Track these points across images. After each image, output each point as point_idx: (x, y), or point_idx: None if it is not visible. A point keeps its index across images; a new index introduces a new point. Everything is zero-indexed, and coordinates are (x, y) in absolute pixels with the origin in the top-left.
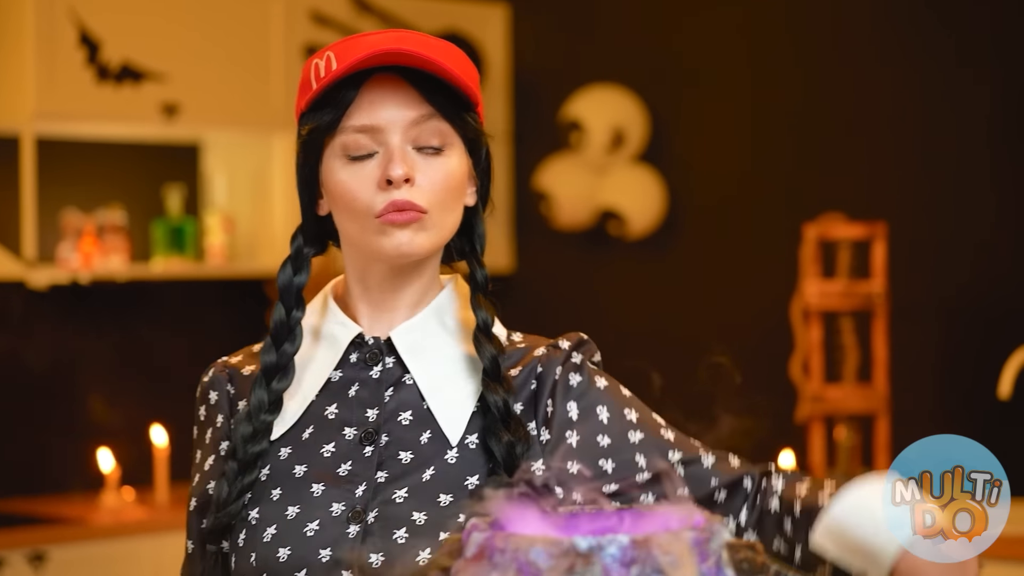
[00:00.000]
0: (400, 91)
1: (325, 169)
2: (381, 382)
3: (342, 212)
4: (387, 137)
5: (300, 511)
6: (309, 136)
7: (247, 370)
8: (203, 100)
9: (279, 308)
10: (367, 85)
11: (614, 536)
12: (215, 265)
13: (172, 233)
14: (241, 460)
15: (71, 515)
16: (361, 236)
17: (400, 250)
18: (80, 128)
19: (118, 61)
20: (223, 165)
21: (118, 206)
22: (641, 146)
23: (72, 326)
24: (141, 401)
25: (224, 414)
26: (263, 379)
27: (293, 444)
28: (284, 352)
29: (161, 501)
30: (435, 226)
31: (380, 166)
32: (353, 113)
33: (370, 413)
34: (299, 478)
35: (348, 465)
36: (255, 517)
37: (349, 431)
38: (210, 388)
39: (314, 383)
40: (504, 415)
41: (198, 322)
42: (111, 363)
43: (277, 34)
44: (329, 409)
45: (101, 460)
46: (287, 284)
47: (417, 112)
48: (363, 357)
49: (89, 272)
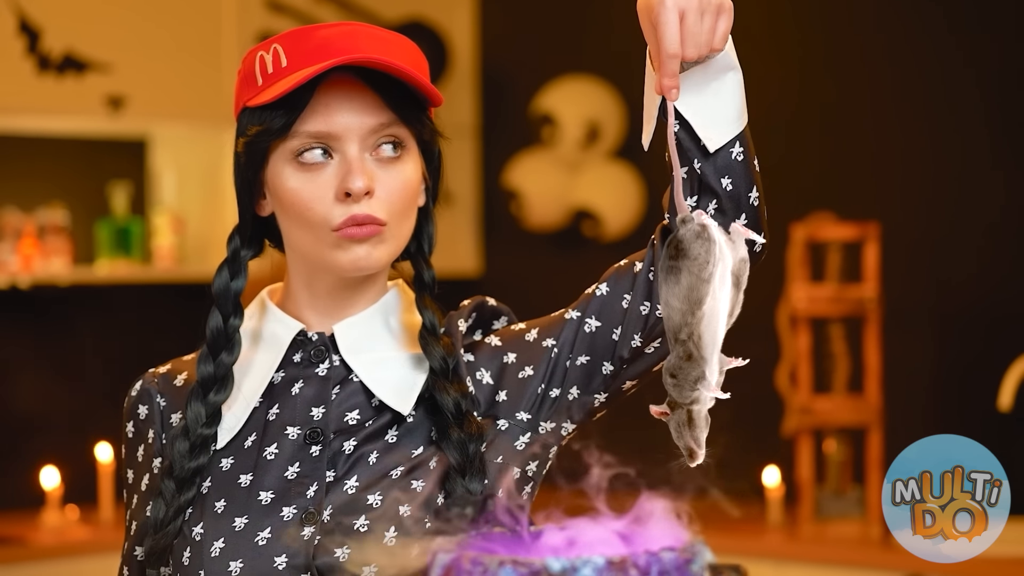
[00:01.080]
0: (357, 94)
1: (272, 173)
2: (328, 379)
3: (293, 221)
4: (344, 145)
5: (248, 521)
6: (256, 138)
7: (179, 379)
8: (151, 92)
9: (215, 315)
10: (321, 88)
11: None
12: (164, 268)
13: (118, 234)
14: (178, 477)
15: (11, 534)
16: (313, 248)
17: (357, 264)
18: (19, 122)
19: (60, 50)
20: (172, 161)
21: (60, 205)
22: (617, 141)
23: (11, 333)
24: (85, 414)
25: (156, 428)
26: (200, 391)
27: (235, 453)
28: (221, 362)
29: (106, 520)
30: (393, 237)
31: (337, 176)
32: (307, 118)
33: (315, 412)
34: (244, 487)
35: (296, 467)
36: (199, 533)
37: (292, 431)
38: (138, 402)
39: (256, 388)
40: (456, 415)
41: (146, 329)
42: (53, 373)
43: (230, 22)
44: (271, 411)
45: (44, 477)
46: (224, 289)
47: (376, 119)
48: (307, 355)
49: (29, 276)
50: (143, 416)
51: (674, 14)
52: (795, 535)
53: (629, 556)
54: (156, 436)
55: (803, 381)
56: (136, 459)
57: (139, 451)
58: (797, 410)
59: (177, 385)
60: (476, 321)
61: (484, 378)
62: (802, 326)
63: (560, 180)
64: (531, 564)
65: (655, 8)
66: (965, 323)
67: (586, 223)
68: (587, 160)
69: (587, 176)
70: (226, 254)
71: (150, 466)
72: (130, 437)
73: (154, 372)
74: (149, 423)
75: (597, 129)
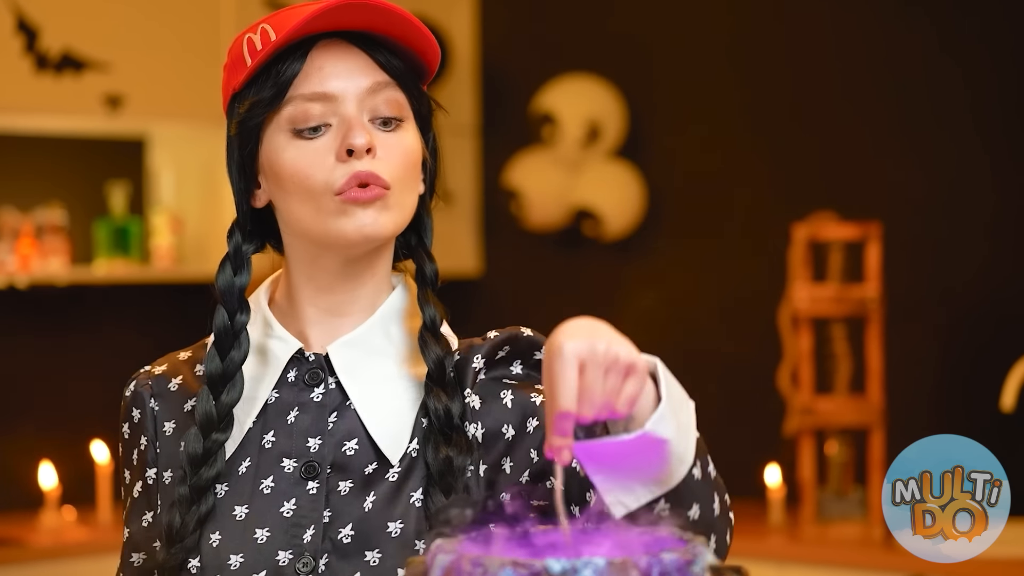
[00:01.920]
0: (351, 56)
1: (267, 150)
2: (324, 406)
3: (292, 195)
4: (341, 106)
5: (244, 560)
6: (248, 113)
7: (174, 384)
8: (149, 91)
9: (220, 312)
10: (313, 53)
11: (589, 559)
12: (162, 268)
13: (116, 234)
14: (193, 487)
15: (8, 535)
16: (316, 220)
17: (363, 232)
18: (17, 121)
19: (58, 49)
20: (170, 161)
21: (58, 205)
22: (618, 140)
23: (8, 333)
24: (83, 414)
25: (148, 436)
26: (208, 392)
27: (230, 480)
28: (231, 360)
29: (104, 521)
30: (398, 205)
31: (337, 137)
32: (300, 83)
33: (312, 443)
34: (240, 520)
35: (292, 504)
36: (195, 566)
37: (289, 463)
38: (133, 405)
39: (250, 407)
40: (445, 424)
41: (144, 329)
42: (51, 373)
43: (228, 20)
44: (267, 437)
45: (42, 476)
46: (228, 286)
47: (372, 79)
48: (303, 376)
49: (27, 275)
50: (136, 420)
51: (572, 367)
52: (796, 536)
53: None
54: (149, 443)
55: (805, 381)
56: (132, 462)
57: (133, 455)
58: (799, 410)
59: (172, 390)
60: (510, 354)
61: (474, 432)
62: (804, 326)
63: (560, 180)
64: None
65: (553, 356)
66: (968, 323)
67: (587, 223)
68: (587, 159)
69: (588, 176)
70: (227, 250)
71: (143, 474)
72: (126, 438)
73: (148, 372)
74: (142, 429)
75: (597, 128)
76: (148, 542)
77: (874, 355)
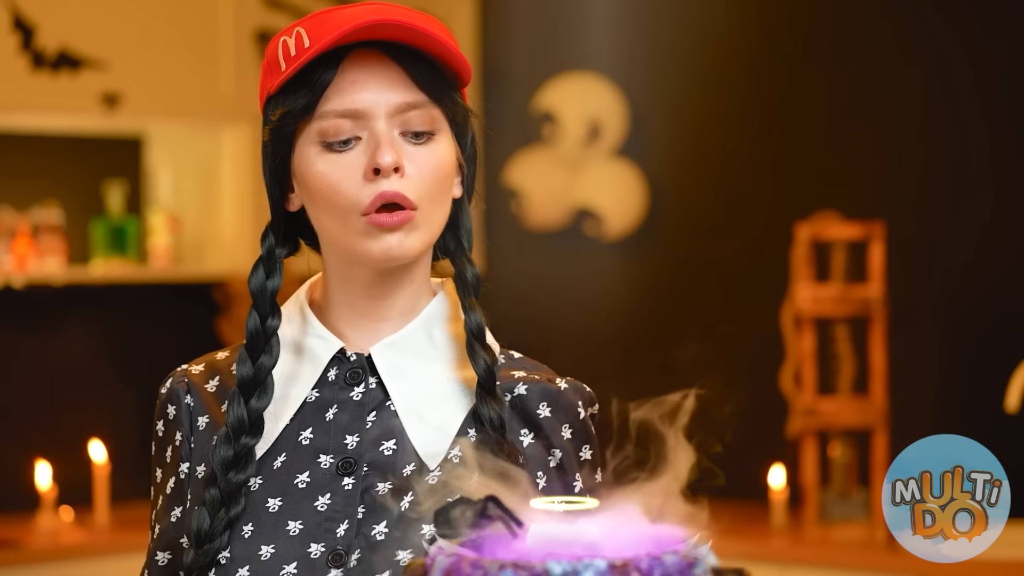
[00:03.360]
0: (384, 70)
1: (298, 159)
2: (363, 405)
3: (321, 208)
4: (371, 122)
5: (275, 551)
6: (280, 122)
7: (211, 384)
8: (146, 89)
9: (252, 316)
10: (346, 64)
11: (591, 560)
12: (159, 268)
13: (113, 233)
14: (223, 490)
15: (4, 537)
16: (343, 236)
17: (389, 254)
18: (13, 119)
19: (55, 47)
20: (168, 160)
21: (54, 204)
22: (619, 139)
23: (5, 333)
24: (79, 414)
25: (183, 431)
26: (239, 395)
27: (265, 473)
28: (262, 365)
29: (101, 523)
30: (426, 223)
31: (365, 153)
32: (331, 96)
33: (349, 440)
34: (273, 513)
35: (327, 499)
36: (226, 556)
37: (325, 459)
38: (168, 401)
39: (291, 405)
40: (499, 432)
41: (141, 329)
42: (48, 373)
43: (226, 18)
44: (304, 434)
45: (38, 477)
46: (260, 289)
47: (404, 97)
48: (343, 375)
49: (23, 275)
50: (171, 416)
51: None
52: (799, 538)
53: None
54: (184, 439)
55: (807, 382)
56: (164, 459)
57: (167, 452)
58: (801, 411)
59: (209, 390)
60: (549, 417)
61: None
62: (807, 326)
63: (561, 179)
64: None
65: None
66: (971, 323)
67: (587, 222)
68: (588, 158)
69: (588, 175)
70: (260, 252)
71: (176, 469)
72: (160, 436)
73: (185, 370)
74: (177, 424)
75: (598, 127)
76: (176, 538)
77: (877, 356)
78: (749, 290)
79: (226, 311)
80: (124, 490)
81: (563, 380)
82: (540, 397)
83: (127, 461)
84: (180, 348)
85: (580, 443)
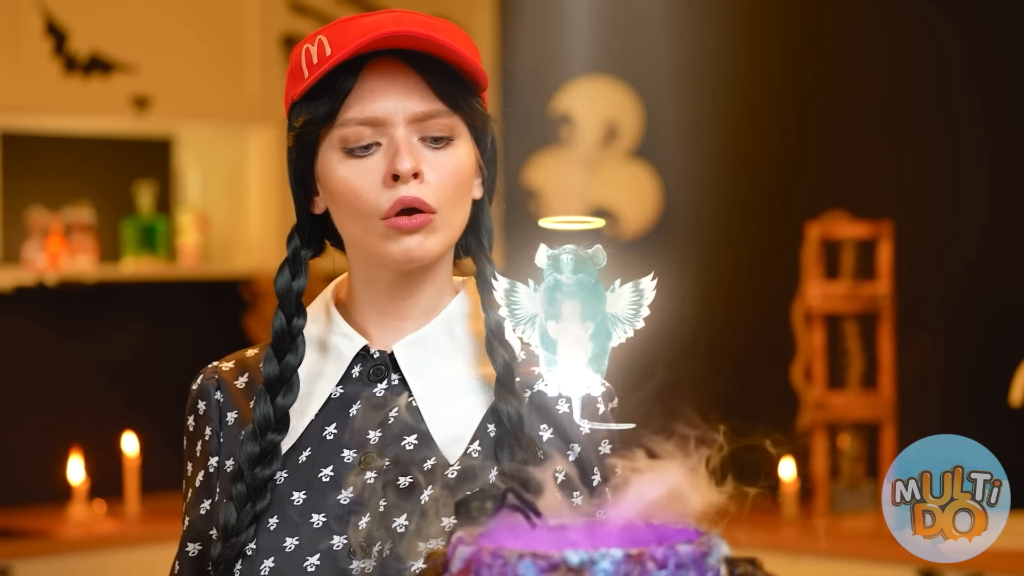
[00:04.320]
0: (403, 78)
1: (321, 164)
2: (386, 401)
3: (343, 211)
4: (391, 129)
5: (299, 543)
6: (303, 128)
7: (240, 381)
8: (176, 92)
9: (279, 315)
10: (366, 72)
11: (607, 550)
12: (188, 266)
13: (143, 232)
14: (251, 485)
15: (38, 528)
16: (364, 238)
17: (409, 256)
18: (47, 122)
19: (86, 51)
20: (197, 160)
21: (86, 204)
22: (635, 141)
23: (38, 330)
24: (111, 409)
25: (213, 426)
26: (266, 393)
27: (290, 467)
28: (287, 364)
29: (132, 514)
30: (445, 226)
31: (385, 159)
32: (352, 104)
33: (372, 435)
34: (297, 506)
35: (349, 492)
36: (252, 548)
37: (348, 454)
38: (199, 397)
39: (316, 401)
40: (517, 428)
41: (170, 326)
42: (80, 369)
43: (253, 23)
44: (328, 429)
45: (71, 470)
46: (286, 289)
47: (422, 106)
48: (367, 372)
49: (56, 273)
50: (202, 412)
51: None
52: (810, 528)
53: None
54: (213, 433)
55: (818, 377)
56: (195, 453)
57: (197, 446)
58: (812, 406)
59: (239, 386)
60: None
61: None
62: (817, 323)
63: (578, 179)
64: (550, 557)
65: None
66: (977, 320)
67: (604, 221)
68: (605, 159)
69: (605, 175)
70: (286, 254)
71: (206, 463)
72: (191, 431)
73: (216, 367)
74: (207, 419)
75: (615, 129)
76: (205, 530)
77: (885, 351)
78: (761, 287)
79: (253, 308)
80: (154, 482)
81: None
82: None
83: (157, 453)
84: (208, 343)
85: (599, 438)
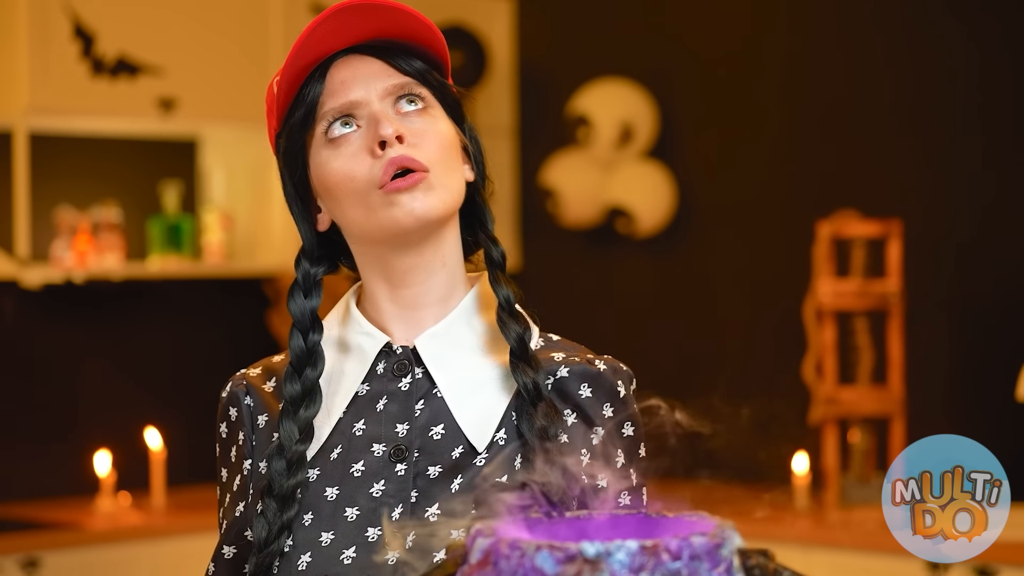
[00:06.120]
0: (367, 66)
1: (313, 168)
2: (411, 394)
3: (344, 201)
4: (366, 108)
5: (335, 537)
6: (288, 141)
7: (269, 385)
8: (201, 94)
9: (295, 336)
10: (332, 72)
11: (622, 542)
12: (213, 264)
13: (169, 231)
14: (279, 495)
15: (66, 520)
16: (369, 218)
17: (415, 215)
18: (74, 123)
19: (113, 54)
20: (221, 161)
21: (113, 203)
22: (650, 141)
23: (66, 327)
24: (138, 403)
25: (245, 431)
26: (290, 410)
27: (322, 465)
28: (307, 377)
29: (158, 506)
30: (442, 185)
31: (368, 133)
32: (326, 100)
33: (400, 428)
34: (331, 501)
35: (381, 485)
36: (288, 545)
37: (378, 448)
38: (229, 404)
39: (341, 399)
40: (534, 396)
41: (196, 322)
42: (106, 364)
43: (276, 25)
44: (357, 425)
45: (97, 463)
46: (300, 311)
47: (391, 80)
48: (391, 368)
49: (84, 271)
50: (234, 418)
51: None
52: (821, 520)
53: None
54: (246, 438)
55: (829, 372)
56: (229, 459)
57: (231, 452)
58: (823, 400)
59: (267, 390)
60: (590, 397)
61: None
62: (828, 319)
63: (595, 179)
64: (567, 548)
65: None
66: (984, 316)
67: (620, 220)
68: (621, 160)
69: (621, 175)
70: (296, 277)
71: (241, 467)
72: (223, 438)
73: (244, 374)
74: (239, 425)
75: (630, 130)
76: (241, 532)
77: (895, 347)
78: (773, 284)
79: (276, 304)
80: (179, 475)
81: (601, 360)
82: (581, 378)
83: (182, 448)
84: (232, 339)
85: (621, 421)
